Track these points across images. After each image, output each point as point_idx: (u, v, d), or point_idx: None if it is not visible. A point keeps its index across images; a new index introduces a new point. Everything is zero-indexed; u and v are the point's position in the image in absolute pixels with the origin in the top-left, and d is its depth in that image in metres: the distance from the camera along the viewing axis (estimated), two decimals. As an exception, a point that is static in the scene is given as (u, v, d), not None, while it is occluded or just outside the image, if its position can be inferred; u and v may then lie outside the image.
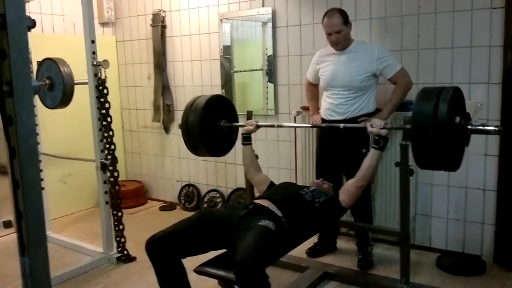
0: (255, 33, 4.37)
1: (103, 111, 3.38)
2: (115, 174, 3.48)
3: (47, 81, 3.44)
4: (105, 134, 3.42)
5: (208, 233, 2.34)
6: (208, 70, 4.52)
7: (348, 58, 3.16)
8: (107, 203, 3.50)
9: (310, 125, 3.44)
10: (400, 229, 2.83)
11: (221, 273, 2.29)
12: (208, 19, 4.44)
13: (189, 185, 4.86)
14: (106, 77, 3.36)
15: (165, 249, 2.26)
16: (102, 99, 3.37)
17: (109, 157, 3.44)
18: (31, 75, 3.67)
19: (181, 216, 2.50)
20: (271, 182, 2.91)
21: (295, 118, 3.77)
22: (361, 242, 3.38)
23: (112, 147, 3.45)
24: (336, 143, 3.24)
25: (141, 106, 5.11)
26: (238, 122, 3.10)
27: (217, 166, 4.64)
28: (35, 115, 3.77)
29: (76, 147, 4.28)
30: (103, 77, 3.34)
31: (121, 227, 3.56)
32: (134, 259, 3.54)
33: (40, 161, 3.91)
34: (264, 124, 3.22)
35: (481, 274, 3.15)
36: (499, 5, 3.06)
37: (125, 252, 3.57)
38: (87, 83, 3.37)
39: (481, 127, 2.30)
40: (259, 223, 2.23)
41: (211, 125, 2.98)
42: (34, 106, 3.65)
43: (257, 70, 4.29)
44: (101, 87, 3.35)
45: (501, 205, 3.23)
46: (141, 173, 5.29)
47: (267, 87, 4.21)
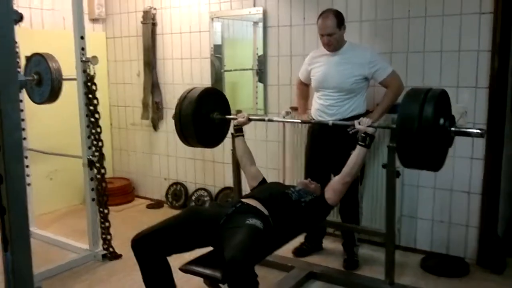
0: (246, 32, 4.37)
1: (91, 108, 3.36)
2: (102, 171, 3.47)
3: (35, 76, 3.42)
4: (93, 131, 3.40)
5: (194, 231, 2.34)
6: (198, 69, 4.51)
7: (340, 60, 3.16)
8: (93, 200, 3.48)
9: (299, 120, 3.44)
10: (385, 230, 2.85)
11: (207, 271, 2.29)
12: (199, 18, 4.43)
13: (176, 183, 4.84)
14: (95, 73, 3.34)
15: (150, 246, 2.26)
16: (90, 96, 3.35)
17: (96, 153, 3.42)
18: (18, 69, 3.66)
19: (168, 214, 2.50)
20: (263, 179, 2.92)
21: (284, 118, 3.77)
22: (347, 243, 3.40)
23: (100, 143, 3.43)
24: (326, 144, 3.25)
25: (130, 103, 5.09)
26: (230, 115, 3.18)
27: (205, 165, 4.63)
28: (22, 110, 3.75)
29: (63, 143, 4.24)
30: (91, 73, 3.33)
31: (107, 224, 3.54)
32: (120, 256, 3.53)
33: (27, 157, 3.88)
34: (255, 118, 3.25)
35: (464, 276, 3.18)
36: (487, 10, 3.09)
37: (111, 249, 3.55)
38: (75, 79, 3.35)
39: (464, 129, 2.39)
40: (247, 221, 2.24)
41: (203, 115, 3.05)
42: (21, 101, 3.65)
43: (247, 69, 4.29)
44: (89, 84, 3.33)
45: (485, 208, 3.27)
46: (128, 170, 5.26)
47: (257, 87, 4.22)
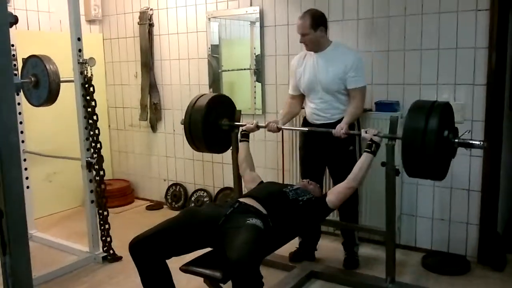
0: (243, 32, 4.37)
1: (89, 109, 3.36)
2: (101, 173, 3.46)
3: (32, 79, 3.40)
4: (91, 133, 3.39)
5: (193, 233, 2.33)
6: (196, 69, 4.51)
7: (325, 62, 3.10)
8: (92, 202, 3.47)
9: (306, 129, 3.21)
10: (386, 228, 2.85)
11: (207, 271, 2.29)
12: (196, 18, 4.43)
13: (176, 184, 4.84)
14: (92, 75, 3.34)
15: (148, 250, 2.25)
16: (88, 97, 3.34)
17: (95, 155, 3.42)
18: (14, 72, 3.65)
19: (168, 216, 2.49)
20: (261, 181, 2.92)
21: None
22: (347, 242, 3.39)
23: (98, 145, 3.42)
24: (320, 141, 3.21)
25: (128, 104, 5.08)
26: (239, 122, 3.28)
27: (204, 166, 4.63)
28: (20, 112, 3.74)
29: (62, 145, 4.23)
30: (89, 75, 3.32)
31: (107, 226, 3.54)
32: (120, 258, 3.52)
33: (25, 160, 3.87)
34: (264, 125, 3.24)
35: (465, 274, 3.18)
36: (484, 7, 3.09)
37: (111, 251, 3.54)
38: (73, 81, 3.34)
39: (467, 141, 2.50)
40: (247, 221, 2.23)
41: (212, 122, 3.19)
42: (19, 103, 3.64)
43: (245, 69, 4.29)
44: (87, 85, 3.32)
45: (485, 205, 3.27)
46: (127, 172, 5.25)
47: (254, 86, 4.21)
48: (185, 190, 4.78)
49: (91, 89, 3.34)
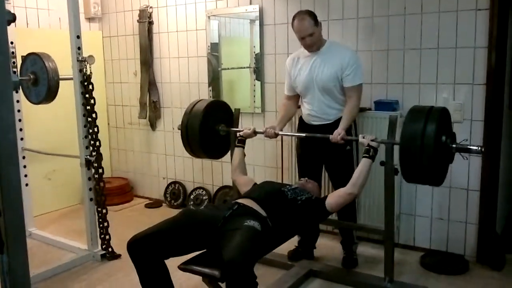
0: (242, 30, 4.36)
1: (88, 107, 3.36)
2: (100, 171, 3.46)
3: (31, 76, 3.40)
4: (90, 131, 3.39)
5: (191, 235, 2.32)
6: (195, 67, 4.50)
7: (320, 62, 3.09)
8: (91, 200, 3.47)
9: (304, 135, 3.20)
10: (384, 227, 2.85)
11: (206, 270, 2.28)
12: (196, 16, 4.42)
13: (175, 182, 4.84)
14: (91, 72, 3.33)
15: (146, 250, 2.24)
16: (87, 95, 3.34)
17: (94, 153, 3.41)
18: (13, 69, 3.65)
19: (167, 214, 2.50)
20: (255, 184, 2.91)
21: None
22: (345, 241, 3.39)
23: (97, 143, 3.42)
24: (317, 142, 3.18)
25: (127, 102, 5.08)
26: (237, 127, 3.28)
27: (203, 164, 4.62)
28: (19, 110, 3.73)
29: (61, 143, 4.23)
30: (88, 72, 3.32)
31: (105, 224, 3.53)
32: (118, 256, 3.52)
33: (24, 157, 3.87)
34: (261, 131, 3.21)
35: (464, 273, 3.18)
36: (484, 7, 3.09)
37: (110, 249, 3.54)
38: (72, 79, 3.34)
39: (465, 147, 2.51)
40: (245, 223, 2.23)
41: (210, 128, 3.20)
42: (18, 101, 3.64)
43: (244, 67, 4.29)
44: (86, 83, 3.32)
45: (484, 205, 3.27)
46: (127, 170, 5.25)
47: (254, 85, 4.20)
48: (184, 188, 4.77)
49: (90, 87, 3.33)
